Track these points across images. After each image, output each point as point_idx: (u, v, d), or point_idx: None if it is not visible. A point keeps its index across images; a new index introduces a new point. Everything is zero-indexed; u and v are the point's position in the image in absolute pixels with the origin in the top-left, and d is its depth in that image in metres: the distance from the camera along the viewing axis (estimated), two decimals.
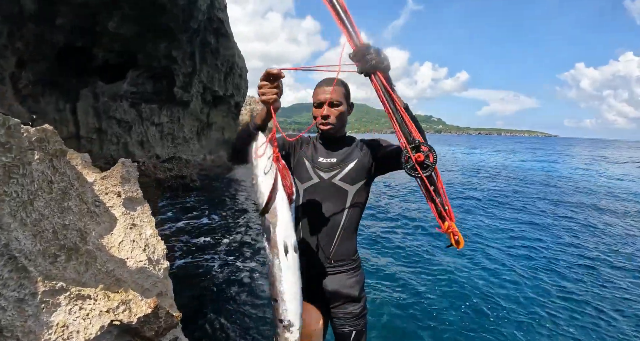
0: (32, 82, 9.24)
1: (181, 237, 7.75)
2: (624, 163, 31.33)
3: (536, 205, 11.60)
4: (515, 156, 38.49)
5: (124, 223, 1.51)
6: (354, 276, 1.73)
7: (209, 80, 14.21)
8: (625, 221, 9.72)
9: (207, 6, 11.70)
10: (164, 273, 1.54)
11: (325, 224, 1.67)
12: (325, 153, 1.74)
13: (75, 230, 1.28)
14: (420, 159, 1.20)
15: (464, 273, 5.95)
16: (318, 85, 1.69)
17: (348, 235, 1.70)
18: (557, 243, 7.57)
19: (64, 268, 1.15)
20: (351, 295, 1.71)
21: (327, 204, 1.67)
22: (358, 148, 1.75)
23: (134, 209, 1.59)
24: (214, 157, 16.85)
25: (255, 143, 1.28)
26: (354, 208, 1.69)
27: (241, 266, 6.18)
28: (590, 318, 4.58)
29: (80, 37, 9.28)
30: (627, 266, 6.33)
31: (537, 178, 19.28)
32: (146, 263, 1.46)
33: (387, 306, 4.82)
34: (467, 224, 8.92)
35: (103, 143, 11.44)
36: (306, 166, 1.74)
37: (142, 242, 1.51)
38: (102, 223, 1.47)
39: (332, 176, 1.68)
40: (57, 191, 1.28)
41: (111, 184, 1.57)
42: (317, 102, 1.65)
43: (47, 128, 1.26)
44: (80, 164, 1.60)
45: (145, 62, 11.13)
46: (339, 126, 1.69)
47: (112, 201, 1.55)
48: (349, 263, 1.72)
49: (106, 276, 1.23)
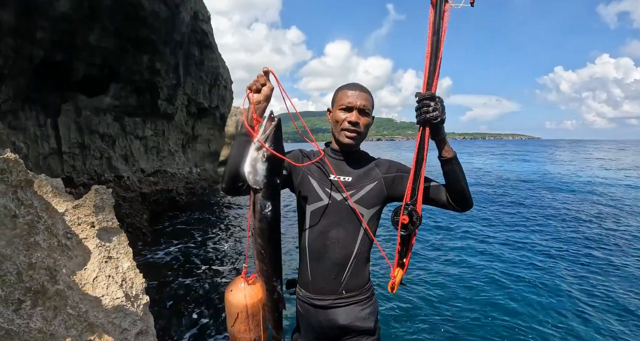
0: (11, 98, 8.97)
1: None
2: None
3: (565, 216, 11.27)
4: (524, 162, 36.73)
5: (98, 256, 1.39)
6: (367, 307, 1.53)
7: (194, 92, 14.08)
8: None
9: (191, 18, 11.63)
10: (143, 309, 1.42)
11: (336, 253, 1.47)
12: (339, 170, 1.52)
13: (43, 269, 1.16)
14: (405, 221, 1.38)
15: (473, 288, 5.88)
16: (348, 87, 1.50)
17: (361, 264, 1.51)
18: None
19: (29, 316, 1.03)
20: (366, 328, 1.51)
21: (339, 229, 1.47)
22: (377, 168, 1.56)
23: (109, 240, 1.48)
24: (200, 170, 16.64)
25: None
26: (368, 234, 1.50)
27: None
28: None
29: (61, 51, 9.08)
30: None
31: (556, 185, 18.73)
32: (123, 300, 1.34)
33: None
34: (493, 238, 8.65)
35: (86, 158, 11.15)
36: (313, 184, 1.51)
37: (118, 277, 1.39)
38: (74, 258, 1.35)
39: (345, 197, 1.48)
40: (22, 225, 1.16)
41: (84, 213, 1.46)
42: (345, 106, 1.45)
43: (9, 157, 1.14)
44: (51, 192, 1.48)
45: (128, 75, 10.95)
46: (363, 139, 1.53)
47: (86, 232, 1.43)
48: (363, 293, 1.53)
49: (77, 321, 1.12)
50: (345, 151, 1.55)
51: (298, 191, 1.55)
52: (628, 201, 12.91)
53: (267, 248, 1.35)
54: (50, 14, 8.09)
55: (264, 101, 1.33)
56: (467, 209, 1.48)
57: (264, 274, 1.38)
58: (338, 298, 1.49)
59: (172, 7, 10.23)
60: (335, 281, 1.49)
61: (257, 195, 1.29)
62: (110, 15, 8.97)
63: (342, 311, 1.49)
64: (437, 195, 1.49)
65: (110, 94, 11.11)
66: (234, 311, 1.37)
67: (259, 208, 1.30)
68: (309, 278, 1.52)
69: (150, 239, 9.10)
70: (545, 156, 39.62)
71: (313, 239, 1.50)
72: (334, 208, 1.47)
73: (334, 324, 1.50)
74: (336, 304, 1.49)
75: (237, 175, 1.31)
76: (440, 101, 1.30)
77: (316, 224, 1.49)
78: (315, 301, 1.51)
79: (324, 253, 1.48)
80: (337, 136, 1.51)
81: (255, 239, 1.35)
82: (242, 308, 1.36)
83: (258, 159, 1.25)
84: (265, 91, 1.32)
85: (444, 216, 10.35)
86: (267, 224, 1.32)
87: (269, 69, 1.32)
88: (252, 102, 1.31)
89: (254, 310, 1.37)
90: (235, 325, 1.38)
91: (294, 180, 1.56)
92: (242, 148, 1.31)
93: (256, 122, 1.30)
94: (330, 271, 1.48)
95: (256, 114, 1.30)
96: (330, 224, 1.48)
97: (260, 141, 1.23)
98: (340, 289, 1.49)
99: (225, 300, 1.41)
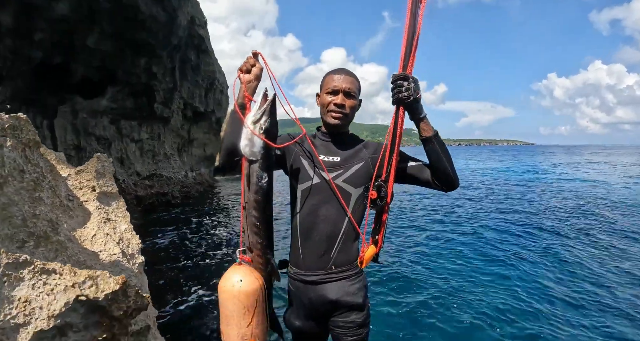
0: (8, 99, 9.05)
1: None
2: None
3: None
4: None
5: (97, 216, 1.50)
6: (357, 282, 1.58)
7: (190, 96, 14.21)
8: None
9: (188, 22, 11.80)
10: (138, 267, 1.53)
11: (326, 229, 1.53)
12: (327, 151, 1.60)
13: (46, 220, 1.26)
14: (373, 196, 1.45)
15: (472, 279, 5.98)
16: (334, 72, 1.58)
17: (350, 240, 1.57)
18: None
19: (32, 253, 1.13)
20: (355, 303, 1.55)
21: (328, 207, 1.53)
22: (365, 149, 1.63)
23: (108, 204, 1.58)
24: (196, 174, 16.70)
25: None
26: (356, 212, 1.56)
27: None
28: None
29: (59, 53, 9.20)
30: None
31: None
32: (120, 256, 1.44)
33: (387, 311, 4.78)
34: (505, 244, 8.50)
35: (81, 160, 11.18)
36: (304, 165, 1.59)
37: (116, 236, 1.50)
38: (75, 217, 1.45)
39: (334, 176, 1.54)
40: (28, 181, 1.26)
41: (85, 178, 1.57)
42: (331, 89, 1.54)
43: (21, 117, 1.26)
44: (55, 160, 1.59)
45: (125, 78, 11.07)
46: (349, 120, 1.60)
47: (87, 195, 1.54)
48: (352, 269, 1.57)
49: (77, 264, 1.22)
50: (334, 133, 1.63)
51: (290, 171, 1.62)
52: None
53: (262, 221, 1.40)
54: (49, 15, 8.22)
55: (254, 80, 1.45)
56: (452, 188, 1.52)
57: (257, 247, 1.42)
58: (327, 274, 1.54)
59: (169, 11, 10.40)
60: (325, 256, 1.54)
61: (253, 167, 1.37)
62: (108, 18, 9.12)
63: (332, 286, 1.54)
64: (419, 173, 1.55)
65: (107, 97, 11.21)
66: (253, 301, 1.27)
67: (255, 180, 1.37)
68: (300, 255, 1.57)
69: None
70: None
71: (303, 217, 1.56)
72: (323, 187, 1.54)
73: (324, 299, 1.54)
74: (326, 279, 1.54)
75: (234, 150, 1.40)
76: (413, 81, 1.37)
77: (306, 202, 1.55)
78: (305, 277, 1.56)
79: (313, 230, 1.54)
80: (324, 118, 1.60)
81: (249, 212, 1.40)
82: (260, 292, 1.29)
83: (255, 132, 1.35)
84: (255, 71, 1.44)
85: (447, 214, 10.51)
86: (263, 196, 1.38)
87: (258, 52, 1.45)
88: (243, 82, 1.43)
89: (264, 294, 1.33)
90: (254, 317, 1.28)
91: (287, 161, 1.63)
92: (237, 125, 1.41)
93: (247, 100, 1.43)
94: (320, 247, 1.53)
95: (247, 92, 1.43)
96: (320, 202, 1.54)
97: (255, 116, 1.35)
98: (329, 264, 1.54)
99: (237, 295, 1.27)
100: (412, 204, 13.28)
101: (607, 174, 26.98)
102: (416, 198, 14.88)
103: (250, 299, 1.27)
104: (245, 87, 1.43)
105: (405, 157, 1.60)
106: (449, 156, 1.47)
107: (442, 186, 1.51)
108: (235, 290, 1.27)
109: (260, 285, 1.31)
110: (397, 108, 1.43)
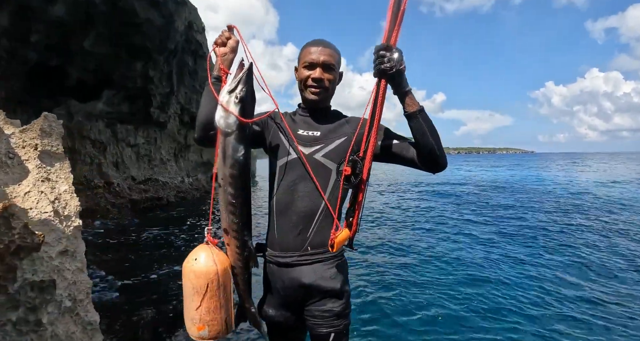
0: (3, 99, 9.08)
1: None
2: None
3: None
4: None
5: (36, 175, 1.43)
6: (334, 266, 1.46)
7: (187, 101, 14.25)
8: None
9: (185, 28, 11.89)
10: (73, 231, 1.44)
11: (303, 206, 1.43)
12: (307, 126, 1.51)
13: None
14: (347, 172, 1.37)
15: (459, 272, 5.92)
16: (311, 43, 1.48)
17: (329, 220, 1.44)
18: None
19: None
20: (331, 289, 1.43)
21: (306, 183, 1.43)
22: (347, 124, 1.54)
23: (51, 164, 1.51)
24: (193, 179, 16.64)
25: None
26: (337, 189, 1.44)
27: None
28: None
29: (55, 55, 9.25)
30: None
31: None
32: (52, 215, 1.36)
33: (374, 305, 4.65)
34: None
35: (76, 164, 11.16)
36: (282, 140, 1.49)
37: (52, 196, 1.42)
38: (11, 174, 1.39)
39: (313, 151, 1.46)
40: None
41: (29, 137, 1.50)
42: (309, 62, 1.44)
43: None
44: (2, 120, 1.53)
45: (121, 81, 11.11)
46: (329, 95, 1.53)
47: (28, 154, 1.48)
48: (329, 251, 1.42)
49: None
50: (313, 108, 1.54)
51: (270, 148, 1.54)
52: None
53: (238, 198, 1.31)
54: (45, 17, 8.28)
55: (230, 53, 1.41)
56: (438, 169, 1.41)
57: (233, 227, 1.34)
58: (303, 255, 1.44)
59: (166, 15, 10.49)
60: (301, 236, 1.43)
61: (228, 139, 1.28)
62: (105, 21, 9.18)
63: (306, 270, 1.43)
64: (404, 151, 1.45)
65: (103, 100, 11.24)
66: (203, 283, 1.21)
67: (230, 153, 1.28)
68: (275, 234, 1.48)
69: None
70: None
71: (280, 195, 1.46)
72: (301, 162, 1.44)
73: (297, 283, 1.44)
74: (300, 261, 1.44)
75: (210, 122, 1.33)
76: (396, 51, 1.25)
77: (284, 179, 1.46)
78: (279, 259, 1.46)
79: (290, 208, 1.44)
80: (303, 93, 1.52)
81: (224, 189, 1.31)
82: (214, 277, 1.22)
83: (230, 101, 1.25)
84: (231, 43, 1.41)
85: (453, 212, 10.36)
86: (239, 170, 1.29)
87: (233, 25, 1.43)
88: (218, 55, 1.41)
89: (225, 279, 1.26)
90: (204, 302, 1.22)
91: (265, 137, 1.54)
92: (212, 97, 1.34)
93: (223, 73, 1.40)
94: (296, 225, 1.43)
95: (223, 65, 1.40)
96: (298, 178, 1.44)
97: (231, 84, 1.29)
98: (305, 245, 1.43)
99: (188, 273, 1.24)
100: (425, 198, 12.95)
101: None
102: (430, 193, 14.69)
103: (200, 281, 1.22)
104: (221, 59, 1.40)
105: (391, 134, 1.49)
106: (436, 133, 1.34)
107: (426, 166, 1.40)
108: (187, 268, 1.25)
109: (216, 269, 1.23)
110: (379, 80, 1.31)
